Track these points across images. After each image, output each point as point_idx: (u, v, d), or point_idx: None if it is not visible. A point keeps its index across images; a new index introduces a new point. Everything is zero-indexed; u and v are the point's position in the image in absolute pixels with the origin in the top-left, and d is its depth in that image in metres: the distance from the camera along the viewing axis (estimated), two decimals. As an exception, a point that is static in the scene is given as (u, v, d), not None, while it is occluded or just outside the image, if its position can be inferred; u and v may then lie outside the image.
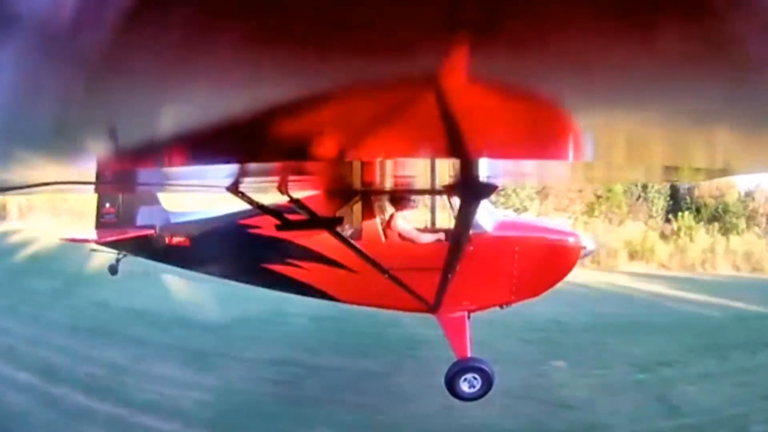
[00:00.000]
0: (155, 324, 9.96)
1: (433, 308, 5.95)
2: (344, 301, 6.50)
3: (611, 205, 23.78)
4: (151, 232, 6.88)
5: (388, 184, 5.26)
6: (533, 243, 6.22)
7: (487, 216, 6.21)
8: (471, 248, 5.77)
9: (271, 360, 8.39)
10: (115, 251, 7.26)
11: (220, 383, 7.52)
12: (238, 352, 8.70)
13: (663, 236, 21.40)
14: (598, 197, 23.83)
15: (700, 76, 0.93)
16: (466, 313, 6.18)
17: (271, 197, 5.25)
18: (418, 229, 6.45)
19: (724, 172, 3.00)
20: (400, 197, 6.34)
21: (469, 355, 5.90)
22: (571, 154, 2.01)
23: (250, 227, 6.34)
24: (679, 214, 22.69)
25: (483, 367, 5.82)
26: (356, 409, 6.86)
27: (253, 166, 2.81)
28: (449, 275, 5.30)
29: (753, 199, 26.11)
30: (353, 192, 6.05)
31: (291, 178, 4.06)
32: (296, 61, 0.85)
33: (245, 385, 7.55)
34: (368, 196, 6.17)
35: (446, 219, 6.86)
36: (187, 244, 6.73)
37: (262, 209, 5.05)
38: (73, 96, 1.06)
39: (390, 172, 3.71)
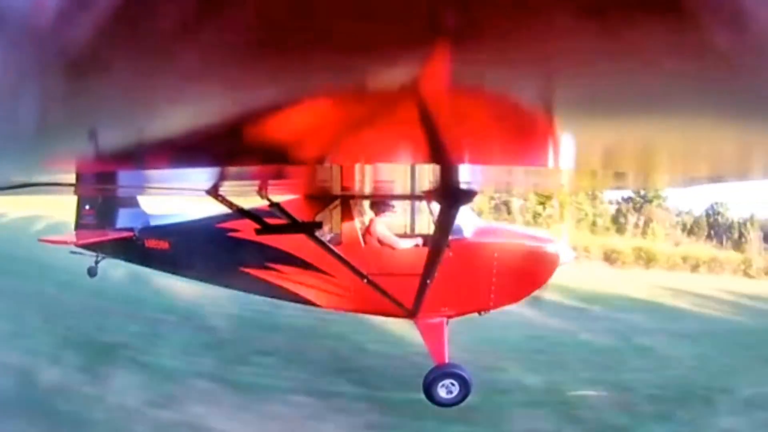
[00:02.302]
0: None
1: (411, 313, 5.96)
2: (322, 306, 6.48)
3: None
4: (130, 234, 6.82)
5: (368, 189, 5.26)
6: (512, 249, 6.26)
7: (467, 222, 6.24)
8: (450, 254, 5.79)
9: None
10: (94, 253, 7.19)
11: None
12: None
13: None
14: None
15: (689, 84, 0.93)
16: (444, 319, 6.20)
17: (251, 201, 5.23)
18: (397, 235, 6.46)
19: (709, 178, 3.02)
20: (380, 202, 6.35)
21: (446, 360, 5.91)
22: (551, 160, 2.02)
23: (229, 231, 6.30)
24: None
25: (461, 372, 5.83)
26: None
27: (233, 169, 2.80)
28: (428, 281, 5.31)
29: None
30: (333, 196, 6.05)
31: (271, 182, 4.05)
32: (277, 65, 0.86)
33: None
34: (348, 201, 6.18)
35: (425, 224, 6.87)
36: (166, 246, 6.68)
37: (241, 213, 5.03)
38: (53, 97, 1.05)
39: (370, 176, 3.72)
